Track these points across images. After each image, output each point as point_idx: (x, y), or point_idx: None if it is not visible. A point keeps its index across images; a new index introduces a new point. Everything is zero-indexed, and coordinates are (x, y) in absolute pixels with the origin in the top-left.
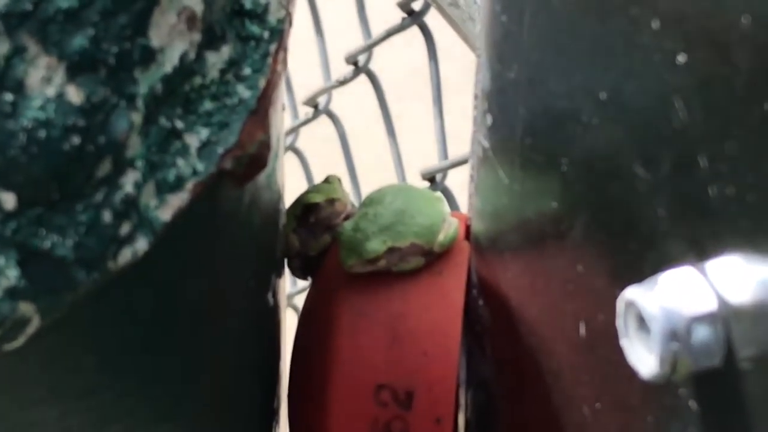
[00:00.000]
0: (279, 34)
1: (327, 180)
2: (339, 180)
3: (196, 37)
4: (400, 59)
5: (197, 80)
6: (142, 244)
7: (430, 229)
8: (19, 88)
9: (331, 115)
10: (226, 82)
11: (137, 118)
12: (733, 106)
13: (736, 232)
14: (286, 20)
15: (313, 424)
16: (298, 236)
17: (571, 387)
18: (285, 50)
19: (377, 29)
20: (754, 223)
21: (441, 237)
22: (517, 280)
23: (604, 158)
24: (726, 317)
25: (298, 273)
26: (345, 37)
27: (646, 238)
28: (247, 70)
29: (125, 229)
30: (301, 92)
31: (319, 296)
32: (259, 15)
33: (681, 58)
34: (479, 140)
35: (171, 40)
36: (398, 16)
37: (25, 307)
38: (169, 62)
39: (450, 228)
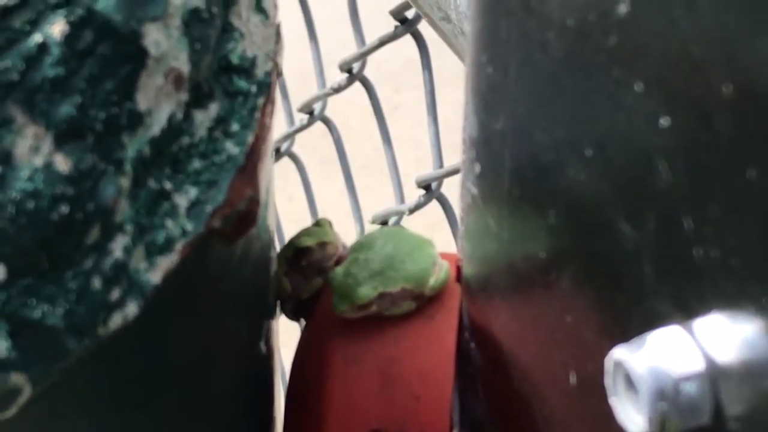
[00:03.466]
0: (266, 87)
1: (318, 223)
2: (330, 223)
3: (184, 96)
4: (396, 50)
5: (185, 139)
6: (132, 309)
7: (420, 274)
8: (6, 159)
9: (327, 122)
10: (214, 140)
11: (125, 182)
12: (715, 170)
13: (721, 292)
14: (274, 72)
15: None
16: (289, 279)
17: None
18: (272, 103)
19: (369, 27)
20: (738, 285)
21: (432, 281)
22: (508, 325)
23: (590, 212)
24: (713, 376)
25: (291, 315)
26: (340, 41)
27: (633, 294)
28: (235, 126)
29: (115, 294)
30: (297, 99)
31: (312, 341)
32: (246, 69)
33: (664, 121)
34: (468, 187)
35: (158, 102)
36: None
37: (17, 378)
38: (157, 124)
39: (440, 271)
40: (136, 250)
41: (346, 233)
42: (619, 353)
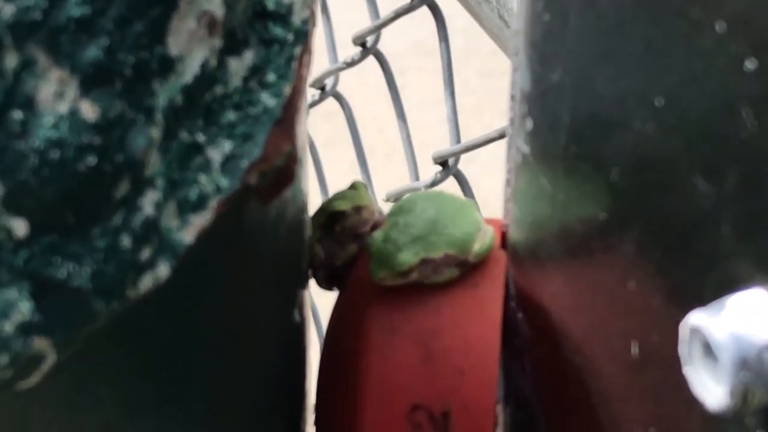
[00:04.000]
0: (304, 35)
1: (353, 186)
2: (365, 186)
3: (217, 42)
4: (401, 32)
5: (219, 89)
6: (163, 270)
7: (464, 239)
8: (29, 105)
9: (339, 97)
10: (249, 90)
11: (156, 133)
12: None
13: None
14: (311, 21)
15: None
16: (323, 246)
17: (620, 410)
18: (310, 53)
19: (384, 6)
20: None
21: (476, 246)
22: (560, 293)
23: (659, 169)
24: None
25: (324, 284)
26: (351, 17)
27: (708, 256)
28: (271, 77)
29: (146, 253)
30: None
31: (347, 310)
32: (282, 16)
33: (749, 64)
34: (518, 145)
35: (191, 47)
36: None
37: (40, 343)
38: (190, 71)
39: (486, 237)
40: (167, 207)
41: None
42: (697, 318)
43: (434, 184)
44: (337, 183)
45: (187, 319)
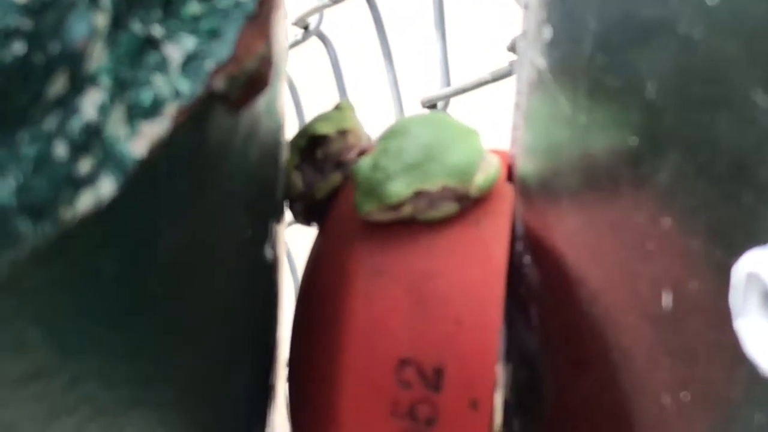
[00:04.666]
0: None
1: (338, 107)
2: (351, 107)
3: None
4: None
5: None
6: (107, 186)
7: (465, 169)
8: None
9: (323, 38)
10: None
11: (102, 19)
12: None
13: None
14: None
15: (320, 407)
16: (302, 174)
17: (646, 370)
18: None
19: None
20: None
21: (479, 178)
22: (578, 233)
23: (709, 81)
24: None
25: (301, 218)
26: None
27: (767, 187)
28: None
29: (85, 166)
30: (291, 12)
31: (327, 249)
32: None
33: None
34: (532, 59)
35: None
36: None
37: None
38: None
39: (490, 167)
40: (113, 111)
41: None
42: (754, 262)
43: None
44: None
45: (134, 248)
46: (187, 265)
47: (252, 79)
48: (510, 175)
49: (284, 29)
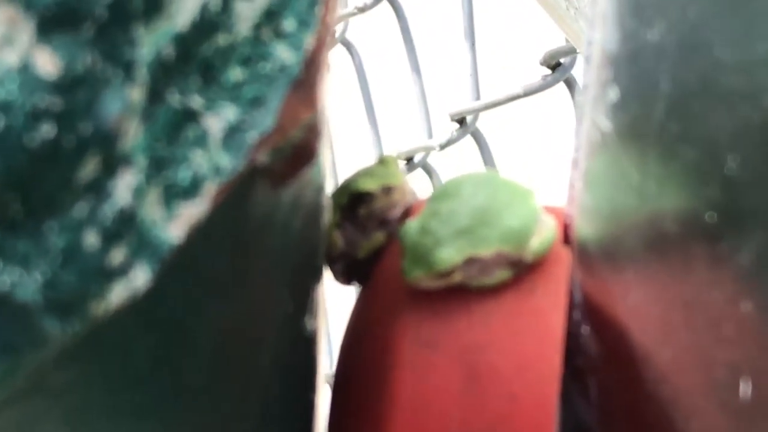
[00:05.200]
0: None
1: (381, 161)
2: (396, 161)
3: None
4: None
5: (222, 39)
6: (142, 276)
7: (520, 233)
8: None
9: (348, 45)
10: (261, 41)
11: (137, 94)
12: None
13: None
14: None
15: None
16: (342, 233)
17: None
18: None
19: None
20: None
21: (535, 242)
22: (643, 306)
23: None
24: None
25: (341, 278)
26: None
27: None
28: (289, 24)
29: (118, 255)
30: None
31: (371, 315)
32: None
33: None
34: (594, 120)
35: None
36: None
37: None
38: (184, 14)
39: (546, 230)
40: (149, 193)
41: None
42: None
43: (450, 142)
44: (343, 142)
45: (170, 338)
46: (225, 351)
47: (297, 150)
48: (566, 236)
49: (329, 89)
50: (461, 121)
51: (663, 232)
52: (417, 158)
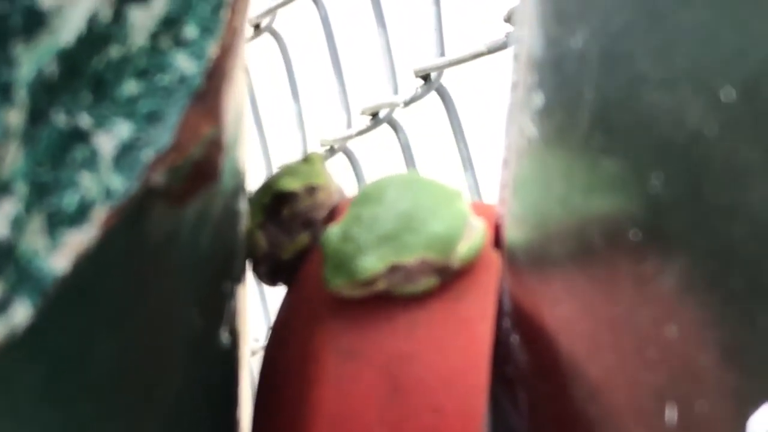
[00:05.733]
0: None
1: (306, 159)
2: (321, 159)
3: None
4: None
5: (115, 51)
6: (22, 313)
7: (447, 239)
8: None
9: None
10: (158, 51)
11: (16, 117)
12: None
13: None
14: None
15: None
16: (266, 234)
17: None
18: None
19: None
20: None
21: (462, 248)
22: (572, 321)
23: (723, 185)
24: None
25: (266, 279)
26: None
27: None
28: (190, 31)
29: None
30: None
31: (295, 322)
32: None
33: None
34: (521, 124)
35: None
36: None
37: None
38: (70, 28)
39: (474, 235)
40: (30, 223)
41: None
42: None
43: (414, 99)
44: (313, 89)
45: (60, 368)
46: (124, 378)
47: (198, 168)
48: (497, 239)
49: (241, 94)
50: (426, 78)
51: (589, 246)
52: (382, 114)
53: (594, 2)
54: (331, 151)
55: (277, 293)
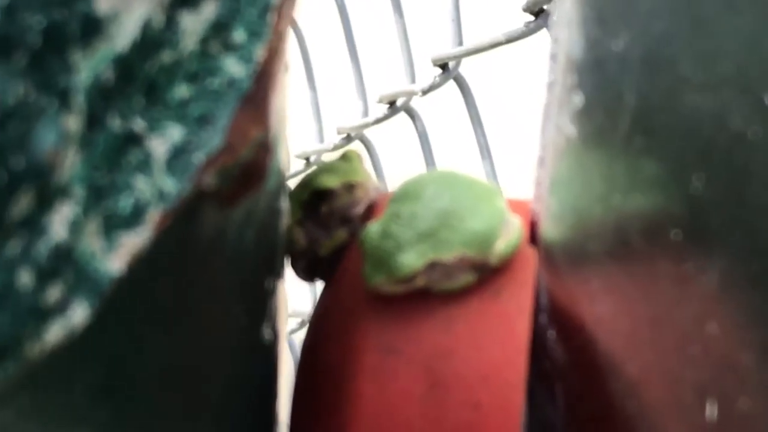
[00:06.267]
0: None
1: (344, 157)
2: (359, 156)
3: None
4: None
5: (167, 56)
6: (81, 313)
7: (485, 236)
8: None
9: None
10: (208, 56)
11: (75, 123)
12: None
13: None
14: None
15: None
16: (304, 230)
17: None
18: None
19: None
20: None
21: (500, 245)
22: (610, 318)
23: (765, 186)
24: None
25: (304, 275)
26: None
27: None
28: (239, 35)
29: (54, 293)
30: None
31: (333, 318)
32: None
33: None
34: (559, 123)
35: (127, 2)
36: None
37: None
38: (125, 35)
39: (512, 232)
40: (87, 225)
41: (342, 107)
42: None
43: (432, 88)
44: (328, 77)
45: (113, 370)
46: (175, 375)
47: (247, 170)
48: (533, 235)
49: (284, 99)
50: (444, 67)
51: (628, 246)
52: (399, 102)
53: (636, 6)
54: (348, 139)
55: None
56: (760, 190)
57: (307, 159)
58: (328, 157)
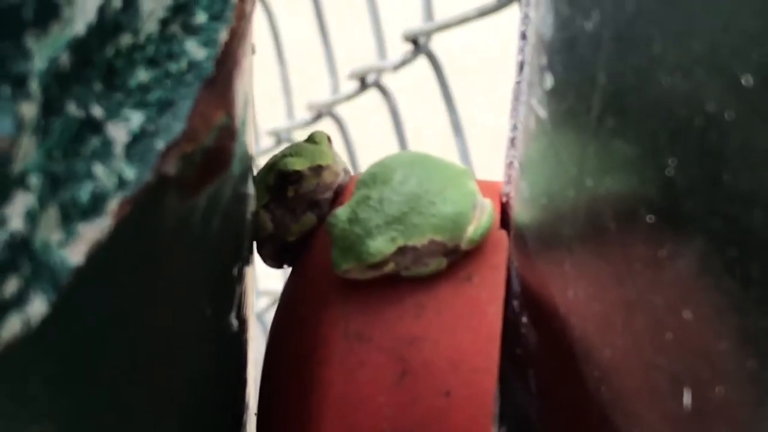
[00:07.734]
0: None
1: (311, 138)
2: (328, 138)
3: None
4: None
5: (125, 39)
6: (38, 307)
7: (456, 220)
8: None
9: None
10: (169, 38)
11: (30, 110)
12: None
13: None
14: None
15: None
16: (271, 215)
17: None
18: None
19: None
20: None
21: (471, 230)
22: (583, 303)
23: (741, 171)
24: None
25: (271, 261)
26: None
27: None
28: (200, 17)
29: (11, 286)
30: None
31: (300, 307)
32: None
33: None
34: (530, 104)
35: None
36: None
37: None
38: (82, 17)
39: (483, 215)
40: (44, 216)
41: (313, 83)
42: None
43: (404, 63)
44: (297, 48)
45: (74, 360)
46: (138, 368)
47: (211, 156)
48: (503, 217)
49: (249, 83)
50: (414, 42)
51: (602, 229)
52: (370, 78)
53: None
54: (318, 115)
55: None
56: (736, 174)
57: (278, 136)
58: (299, 135)
